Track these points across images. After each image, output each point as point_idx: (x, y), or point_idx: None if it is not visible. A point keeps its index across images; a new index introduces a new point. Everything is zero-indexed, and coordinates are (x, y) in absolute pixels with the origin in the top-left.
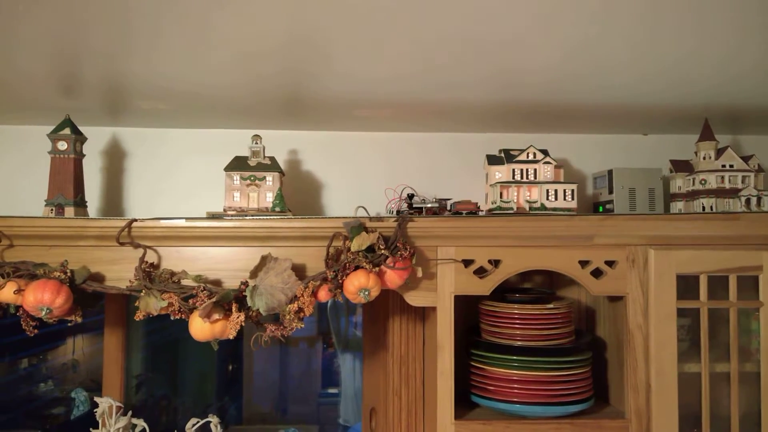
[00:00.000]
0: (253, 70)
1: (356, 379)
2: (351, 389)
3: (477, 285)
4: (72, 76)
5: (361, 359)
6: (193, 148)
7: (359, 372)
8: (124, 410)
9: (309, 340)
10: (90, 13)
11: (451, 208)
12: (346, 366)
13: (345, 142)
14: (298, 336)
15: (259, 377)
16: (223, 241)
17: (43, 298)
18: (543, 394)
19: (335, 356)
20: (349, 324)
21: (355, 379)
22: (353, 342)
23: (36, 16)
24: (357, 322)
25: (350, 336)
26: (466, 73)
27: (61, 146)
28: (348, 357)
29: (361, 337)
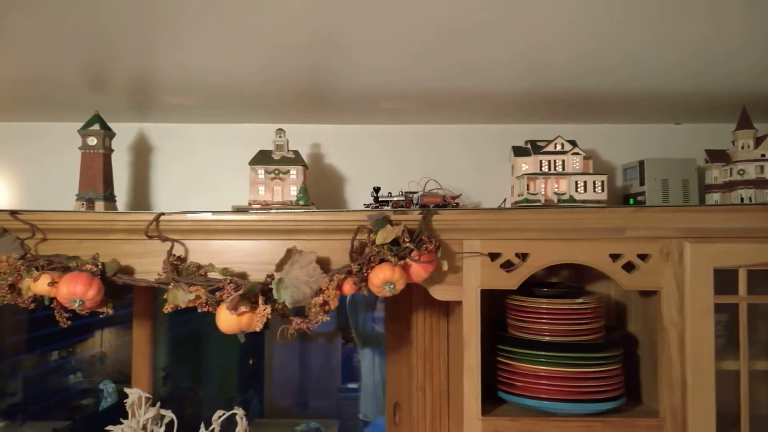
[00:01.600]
0: (277, 64)
1: (376, 374)
2: (371, 384)
3: (504, 279)
4: (101, 72)
5: (381, 354)
6: (218, 142)
7: (379, 367)
8: (153, 401)
9: (327, 336)
10: (118, 9)
11: (417, 201)
12: (365, 361)
13: (367, 136)
14: (317, 331)
15: (279, 372)
16: (248, 234)
17: (76, 290)
18: (572, 390)
19: (355, 351)
20: (367, 319)
21: (374, 374)
22: (373, 337)
23: (65, 14)
24: (376, 318)
25: (370, 331)
26: (490, 63)
27: (90, 142)
28: (368, 352)
29: (380, 333)
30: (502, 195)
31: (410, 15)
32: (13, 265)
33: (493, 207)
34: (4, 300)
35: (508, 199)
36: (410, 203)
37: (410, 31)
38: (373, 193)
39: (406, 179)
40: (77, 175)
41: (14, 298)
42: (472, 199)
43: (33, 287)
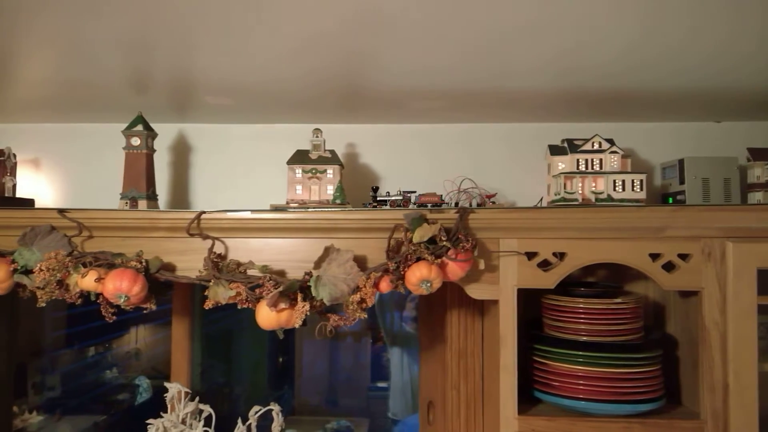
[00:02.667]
0: (314, 64)
1: (404, 373)
2: (399, 383)
3: (541, 278)
4: (144, 74)
5: (410, 354)
6: (255, 142)
7: (407, 366)
8: (191, 396)
9: (355, 335)
10: (161, 11)
11: (415, 201)
12: (394, 360)
13: (400, 135)
14: (346, 330)
15: (308, 370)
16: (286, 232)
17: (122, 286)
18: (610, 391)
19: (384, 350)
20: (394, 318)
21: (403, 373)
22: (402, 336)
23: (109, 17)
24: (405, 317)
25: (399, 331)
26: (528, 62)
27: (134, 142)
28: (396, 351)
29: (409, 332)
30: (538, 194)
31: (448, 17)
32: (62, 261)
33: (529, 206)
34: (52, 295)
35: (545, 198)
36: (408, 202)
37: (448, 33)
38: (372, 193)
39: (441, 178)
40: (120, 175)
41: (62, 293)
42: (507, 198)
43: (80, 283)
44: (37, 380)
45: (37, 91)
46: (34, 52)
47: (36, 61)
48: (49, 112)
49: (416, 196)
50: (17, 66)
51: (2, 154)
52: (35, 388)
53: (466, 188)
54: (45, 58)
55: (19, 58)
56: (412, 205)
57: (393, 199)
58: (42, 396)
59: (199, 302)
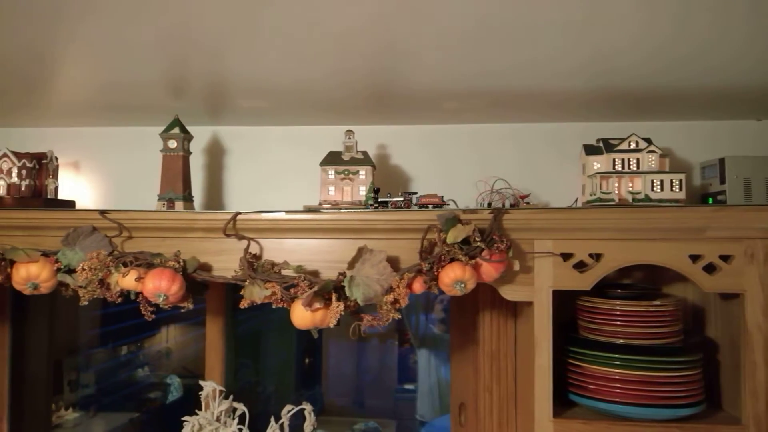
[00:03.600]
0: (345, 66)
1: (432, 375)
2: (427, 385)
3: (577, 280)
4: (180, 77)
5: (437, 356)
6: (287, 144)
7: (435, 368)
8: (225, 394)
9: (381, 336)
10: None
11: (416, 201)
12: (422, 362)
13: (433, 135)
14: (373, 332)
15: (335, 371)
16: (319, 233)
17: (161, 286)
18: (648, 395)
19: (411, 352)
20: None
21: (430, 375)
22: (429, 338)
23: (148, 21)
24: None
25: (427, 333)
26: (561, 61)
27: (171, 144)
28: (424, 353)
29: (437, 334)
30: (571, 195)
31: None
32: (103, 261)
33: (563, 206)
34: (94, 294)
35: (579, 199)
36: (409, 203)
37: (480, 31)
38: (373, 194)
39: (473, 179)
40: (157, 177)
41: (103, 292)
42: (541, 199)
43: (121, 282)
44: (72, 378)
45: (77, 95)
46: (75, 57)
47: (77, 65)
48: (89, 117)
49: (417, 198)
50: (59, 71)
51: (45, 157)
52: (71, 385)
53: (499, 189)
54: (86, 63)
55: (61, 64)
56: (413, 206)
57: (394, 201)
58: (77, 393)
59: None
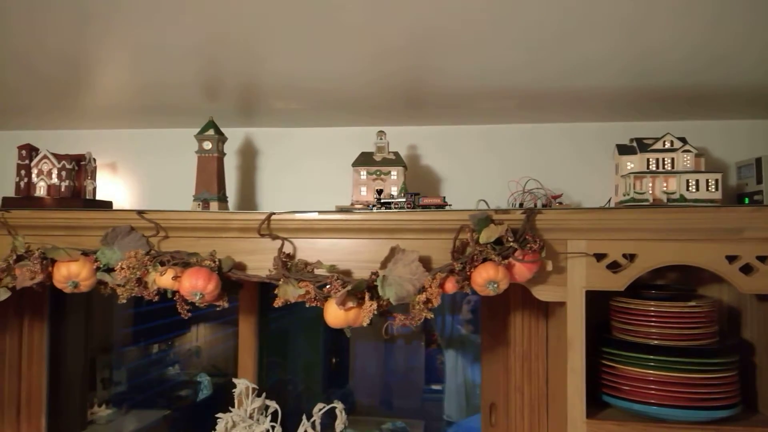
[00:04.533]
0: (377, 65)
1: (458, 375)
2: (454, 385)
3: (610, 280)
4: (214, 79)
5: (464, 357)
6: (319, 145)
7: (462, 369)
8: (258, 392)
9: (407, 337)
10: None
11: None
12: (449, 363)
13: (464, 136)
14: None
15: (362, 371)
16: (352, 233)
17: (197, 284)
18: (684, 397)
19: (438, 353)
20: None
21: (457, 376)
22: (456, 339)
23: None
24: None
25: (454, 333)
26: (596, 61)
27: (206, 146)
28: (451, 354)
29: (464, 335)
30: (603, 195)
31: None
32: (141, 260)
33: (595, 206)
34: (132, 292)
35: (613, 199)
36: (412, 204)
37: (515, 32)
38: (376, 195)
39: (505, 179)
40: (190, 178)
41: (141, 290)
42: (573, 199)
43: (158, 281)
44: (105, 375)
45: (114, 98)
46: (113, 60)
47: (115, 68)
48: (125, 119)
49: (419, 198)
50: (98, 74)
51: (83, 159)
52: (103, 382)
53: (531, 189)
54: (123, 66)
55: (100, 67)
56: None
57: (398, 201)
58: (110, 390)
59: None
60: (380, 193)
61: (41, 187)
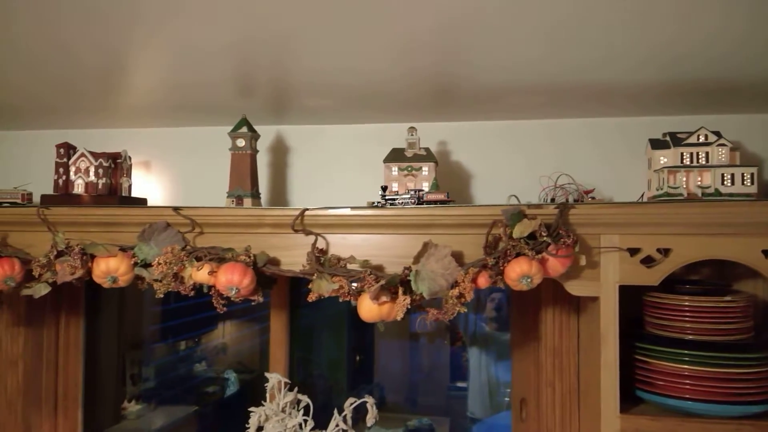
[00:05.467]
0: (406, 61)
1: (482, 373)
2: (477, 383)
3: (644, 275)
4: (248, 77)
5: (488, 354)
6: (349, 142)
7: (486, 367)
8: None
9: (430, 336)
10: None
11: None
12: (473, 360)
13: (493, 132)
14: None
15: (386, 369)
16: (383, 228)
17: (233, 279)
18: (719, 392)
19: (463, 350)
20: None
21: (481, 374)
22: (480, 337)
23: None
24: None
25: (477, 331)
26: (626, 54)
27: (239, 143)
28: (475, 351)
29: (488, 332)
30: (634, 190)
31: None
32: (177, 255)
33: (629, 201)
34: (168, 287)
35: (645, 194)
36: (418, 200)
37: (542, 26)
38: (381, 192)
39: (534, 175)
40: (221, 175)
41: (177, 285)
42: (603, 195)
43: (195, 276)
44: (134, 372)
45: (149, 97)
46: (149, 60)
47: (150, 68)
48: (159, 118)
49: (424, 195)
50: (133, 74)
51: (119, 157)
52: (133, 378)
53: (563, 184)
54: (159, 65)
55: (136, 66)
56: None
57: (402, 198)
58: (139, 386)
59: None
60: (384, 190)
61: (79, 184)
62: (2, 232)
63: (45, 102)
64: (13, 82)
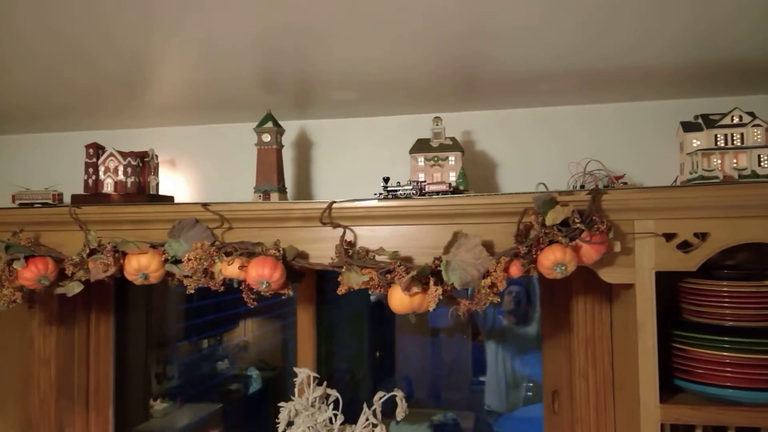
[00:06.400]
0: (430, 48)
1: (499, 367)
2: (494, 377)
3: (681, 260)
4: (272, 70)
5: (506, 348)
6: (374, 134)
7: (503, 360)
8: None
9: (450, 330)
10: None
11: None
12: (490, 354)
13: (519, 120)
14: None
15: (407, 364)
16: (411, 219)
17: (264, 273)
18: (761, 379)
19: (484, 345)
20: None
21: (498, 367)
22: (498, 330)
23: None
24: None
25: (495, 324)
26: (658, 36)
27: (265, 138)
28: (491, 345)
29: (506, 326)
30: (665, 174)
31: None
32: (207, 251)
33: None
34: (199, 283)
35: (679, 178)
36: (420, 191)
37: (575, 7)
38: (383, 183)
39: (561, 162)
40: (246, 172)
41: (207, 281)
42: (634, 180)
43: (225, 271)
44: (159, 370)
45: (174, 95)
46: (174, 57)
47: (176, 65)
48: (183, 116)
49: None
50: (159, 72)
51: (147, 156)
52: (158, 377)
53: (592, 170)
54: (184, 63)
55: (162, 64)
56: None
57: (404, 189)
58: (164, 385)
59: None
60: (386, 181)
61: (108, 183)
62: (35, 232)
63: (66, 105)
64: (32, 87)
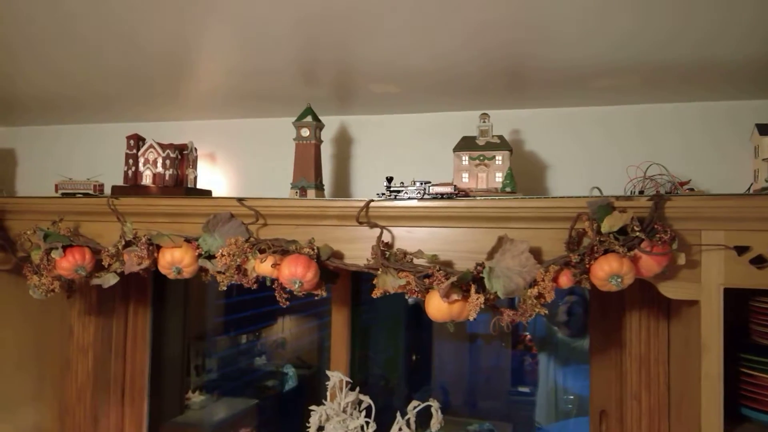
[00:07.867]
0: (477, 40)
1: (550, 379)
2: (545, 389)
3: (755, 277)
4: (313, 61)
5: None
6: (416, 131)
7: (554, 373)
8: (351, 386)
9: (487, 337)
10: None
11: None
12: (542, 366)
13: (573, 119)
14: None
15: (443, 370)
16: (453, 221)
17: (296, 272)
18: None
19: (525, 354)
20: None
21: (548, 380)
22: (550, 342)
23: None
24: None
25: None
26: (732, 25)
27: (303, 133)
28: (544, 357)
29: (559, 338)
30: (736, 182)
31: None
32: (241, 247)
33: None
34: (231, 279)
35: (753, 186)
36: (424, 192)
37: None
38: (386, 183)
39: (620, 166)
40: (283, 167)
41: (240, 278)
42: (700, 187)
43: (258, 268)
44: (198, 363)
45: (215, 87)
46: (217, 47)
47: (218, 55)
48: (224, 109)
49: (430, 186)
50: (199, 62)
51: (186, 148)
52: (196, 369)
53: (652, 175)
54: (225, 51)
55: (202, 54)
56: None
57: (410, 189)
58: (202, 377)
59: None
60: (390, 181)
61: (147, 175)
62: (75, 221)
63: (110, 94)
64: (78, 75)
